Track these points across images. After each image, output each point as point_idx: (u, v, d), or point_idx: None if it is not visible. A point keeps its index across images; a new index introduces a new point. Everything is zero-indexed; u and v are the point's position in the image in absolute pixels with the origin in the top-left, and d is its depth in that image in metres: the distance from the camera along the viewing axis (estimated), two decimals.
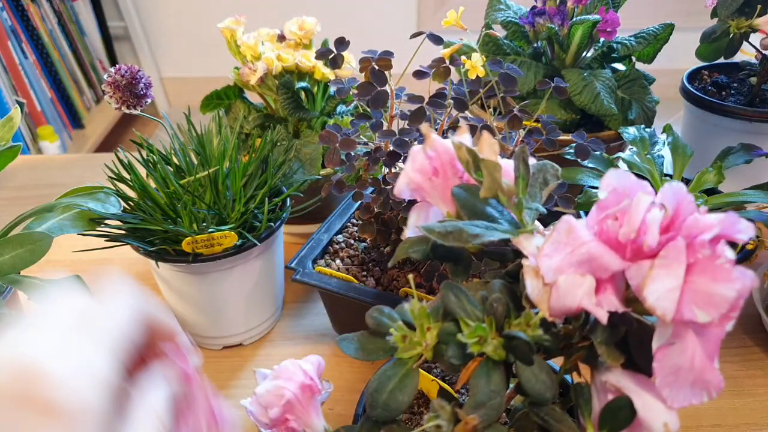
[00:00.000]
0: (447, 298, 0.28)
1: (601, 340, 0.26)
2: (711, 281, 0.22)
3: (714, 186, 0.62)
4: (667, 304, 0.23)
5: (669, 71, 1.39)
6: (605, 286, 0.25)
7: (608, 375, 0.27)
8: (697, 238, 0.23)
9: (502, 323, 0.28)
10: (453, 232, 0.29)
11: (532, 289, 0.26)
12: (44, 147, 2.12)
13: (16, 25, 2.09)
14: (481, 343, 0.27)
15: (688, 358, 0.24)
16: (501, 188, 0.30)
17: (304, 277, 0.57)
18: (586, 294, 0.25)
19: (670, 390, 0.24)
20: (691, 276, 0.23)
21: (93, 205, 0.57)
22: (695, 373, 0.24)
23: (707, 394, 0.24)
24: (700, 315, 0.22)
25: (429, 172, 0.36)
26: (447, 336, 0.28)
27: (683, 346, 0.24)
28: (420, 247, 0.34)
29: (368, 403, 0.28)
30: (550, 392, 0.26)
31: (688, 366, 0.24)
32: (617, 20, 0.75)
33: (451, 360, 0.27)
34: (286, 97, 0.73)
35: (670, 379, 0.24)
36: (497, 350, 0.27)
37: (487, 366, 0.27)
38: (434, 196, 0.37)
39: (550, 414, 0.28)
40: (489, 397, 0.26)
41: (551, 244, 0.26)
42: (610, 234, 0.25)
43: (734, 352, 0.63)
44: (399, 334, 0.28)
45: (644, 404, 0.25)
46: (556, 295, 0.25)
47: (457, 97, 0.54)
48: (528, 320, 0.27)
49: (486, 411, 0.26)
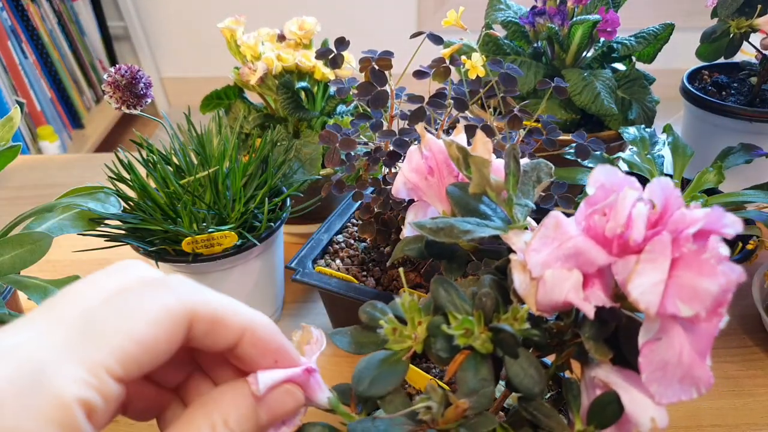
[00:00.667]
0: (437, 292, 0.29)
1: (589, 335, 0.26)
2: (696, 275, 0.22)
3: (714, 186, 0.62)
4: (651, 298, 0.23)
5: (669, 71, 1.39)
6: (593, 281, 0.25)
7: (597, 370, 0.27)
8: (683, 232, 0.23)
9: (491, 317, 0.28)
10: (444, 228, 0.29)
11: (519, 283, 0.27)
12: (44, 147, 2.12)
13: (16, 25, 2.09)
14: (467, 336, 0.27)
15: (675, 354, 0.24)
16: (489, 184, 0.30)
17: (304, 277, 0.57)
18: (572, 288, 0.25)
19: (657, 385, 0.24)
20: (676, 270, 0.23)
21: (93, 205, 0.57)
22: (683, 368, 0.24)
23: (696, 390, 0.24)
24: (684, 309, 0.22)
25: (425, 171, 0.36)
26: (435, 329, 0.28)
27: (670, 341, 0.24)
28: (415, 245, 0.34)
29: (355, 378, 0.28)
30: (538, 387, 0.26)
31: (675, 361, 0.24)
32: (617, 20, 0.75)
33: (438, 352, 0.27)
34: (286, 97, 0.73)
35: (658, 374, 0.24)
36: (485, 343, 0.27)
37: (474, 359, 0.27)
38: (430, 195, 0.37)
39: (539, 409, 0.28)
40: (480, 385, 0.26)
41: (539, 239, 0.26)
42: (597, 229, 0.25)
43: (734, 352, 0.63)
44: (389, 327, 0.28)
45: (631, 399, 0.25)
46: (543, 289, 0.25)
47: (457, 97, 0.54)
48: (515, 314, 0.27)
49: (478, 398, 0.26)
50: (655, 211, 0.24)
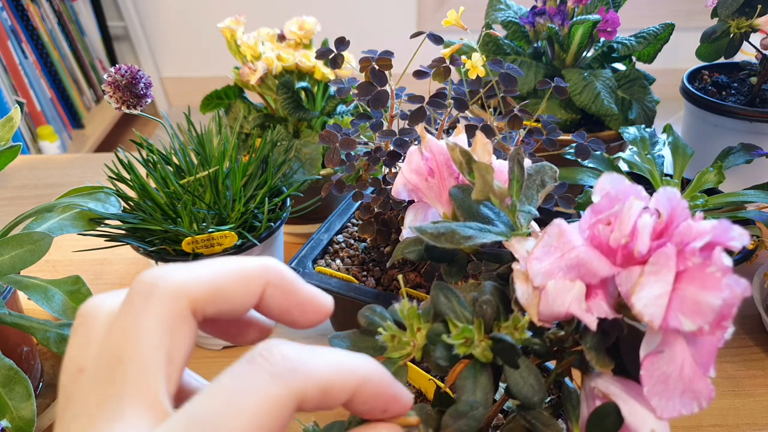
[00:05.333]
0: (437, 298, 0.28)
1: (590, 345, 0.26)
2: (699, 289, 0.22)
3: (714, 186, 0.62)
4: (654, 311, 0.22)
5: (669, 71, 1.39)
6: (596, 292, 0.25)
7: (597, 381, 0.27)
8: (689, 245, 0.23)
9: (491, 325, 0.27)
10: (445, 233, 0.29)
11: (521, 293, 0.26)
12: (44, 147, 2.12)
13: (16, 25, 2.09)
14: (467, 345, 0.27)
15: (677, 367, 0.23)
16: (493, 191, 0.29)
17: (304, 277, 0.57)
18: (575, 299, 0.24)
19: (659, 399, 0.24)
20: (680, 283, 0.23)
21: (93, 205, 0.57)
22: (684, 382, 0.24)
23: (697, 405, 0.24)
24: (686, 323, 0.22)
25: (425, 172, 0.36)
26: (435, 337, 0.28)
27: (672, 354, 0.23)
28: (415, 248, 0.33)
29: None
30: (537, 396, 0.26)
31: (677, 375, 0.23)
32: (617, 20, 0.75)
33: (438, 361, 0.27)
34: (286, 97, 0.73)
35: (659, 387, 0.24)
36: (485, 352, 0.27)
37: (474, 368, 0.27)
38: (431, 196, 0.37)
39: (538, 418, 0.27)
40: (471, 407, 0.26)
41: (541, 248, 0.26)
42: (601, 239, 0.25)
43: (734, 352, 0.63)
44: (388, 334, 0.28)
45: (630, 411, 0.25)
46: (546, 300, 0.25)
47: (457, 96, 0.54)
48: (516, 323, 0.27)
49: (467, 421, 0.25)
50: (660, 221, 0.24)
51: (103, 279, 0.78)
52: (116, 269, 0.80)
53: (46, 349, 0.60)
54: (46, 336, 0.52)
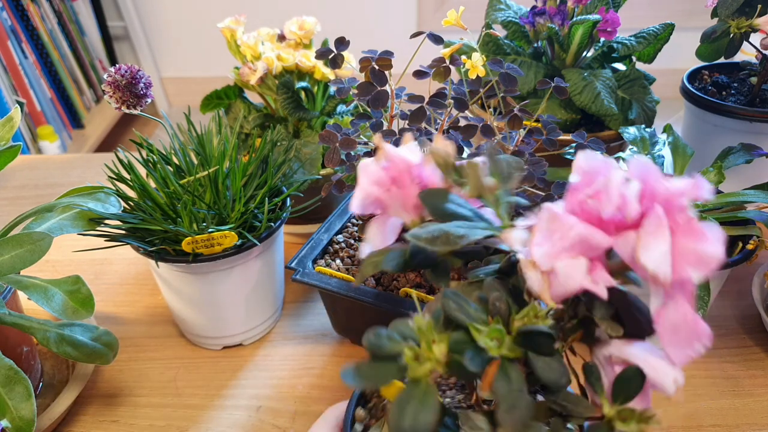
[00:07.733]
0: (448, 306, 0.28)
1: (601, 315, 0.28)
2: (695, 241, 0.24)
3: (714, 186, 0.62)
4: (665, 268, 0.24)
5: (669, 71, 1.39)
6: (595, 265, 0.26)
7: (610, 349, 0.28)
8: (673, 203, 0.25)
9: (507, 320, 0.28)
10: (440, 236, 0.29)
11: (533, 281, 0.27)
12: (44, 147, 2.12)
13: (16, 25, 2.09)
14: (500, 345, 0.27)
15: (681, 315, 0.25)
16: (484, 187, 0.31)
17: (304, 277, 0.57)
18: (584, 275, 0.26)
19: (674, 348, 0.26)
20: (675, 239, 0.25)
21: (93, 205, 0.57)
22: (689, 327, 0.26)
23: (701, 345, 0.26)
24: (695, 274, 0.24)
25: (387, 182, 0.35)
26: (459, 345, 0.27)
27: (676, 305, 0.25)
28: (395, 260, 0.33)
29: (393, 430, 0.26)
30: (564, 378, 0.27)
31: (682, 322, 0.25)
32: (617, 20, 0.75)
33: (470, 367, 0.27)
34: (286, 97, 0.73)
35: (673, 338, 0.26)
36: (513, 349, 0.27)
37: (504, 366, 0.27)
38: (395, 206, 0.36)
39: (567, 398, 0.28)
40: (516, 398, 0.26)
41: (539, 234, 0.27)
42: (591, 213, 0.26)
43: (734, 352, 0.63)
44: (411, 354, 0.27)
45: (652, 367, 0.27)
46: (556, 281, 0.26)
47: (457, 96, 0.54)
48: (535, 312, 0.28)
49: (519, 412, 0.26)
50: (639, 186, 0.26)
51: (103, 279, 0.78)
52: (116, 269, 0.80)
53: (46, 349, 0.60)
54: (46, 336, 0.52)
